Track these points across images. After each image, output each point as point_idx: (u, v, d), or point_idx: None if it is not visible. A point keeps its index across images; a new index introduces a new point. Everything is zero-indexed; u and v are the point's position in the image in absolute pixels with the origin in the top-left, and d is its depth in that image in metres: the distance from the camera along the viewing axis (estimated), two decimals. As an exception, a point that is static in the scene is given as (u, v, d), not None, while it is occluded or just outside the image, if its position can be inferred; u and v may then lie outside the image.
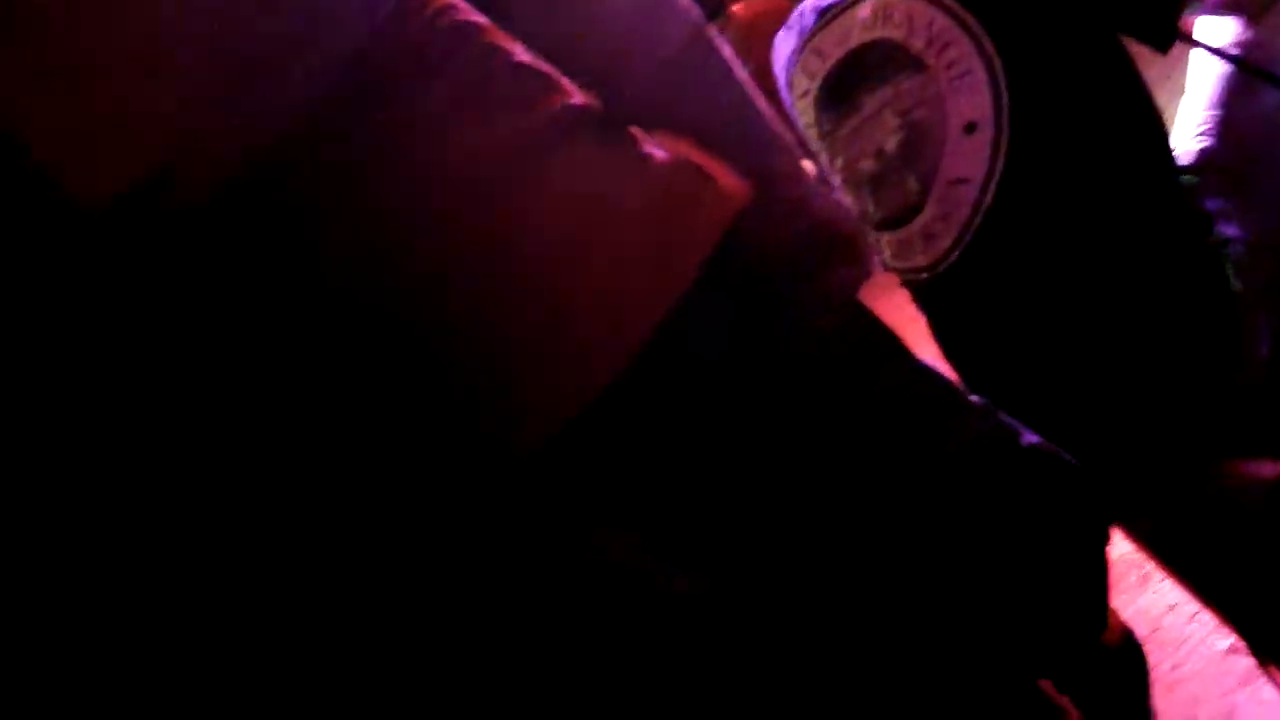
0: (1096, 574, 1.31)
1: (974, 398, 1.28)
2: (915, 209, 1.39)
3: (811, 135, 1.44)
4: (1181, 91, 1.54)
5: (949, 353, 1.46)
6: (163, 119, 0.98)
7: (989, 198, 1.35)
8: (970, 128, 1.34)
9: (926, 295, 1.44)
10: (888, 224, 1.41)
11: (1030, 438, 1.30)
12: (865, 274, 1.37)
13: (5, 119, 0.94)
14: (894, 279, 1.47)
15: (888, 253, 1.43)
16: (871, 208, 1.41)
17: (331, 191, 1.10)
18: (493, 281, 1.16)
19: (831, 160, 1.42)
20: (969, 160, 1.35)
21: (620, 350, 1.17)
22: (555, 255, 1.17)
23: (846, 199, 1.41)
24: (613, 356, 1.17)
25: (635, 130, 1.22)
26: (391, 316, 1.13)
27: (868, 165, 1.40)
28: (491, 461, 1.15)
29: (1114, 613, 1.46)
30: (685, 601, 1.16)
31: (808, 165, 1.33)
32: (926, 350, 1.45)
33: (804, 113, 1.44)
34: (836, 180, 1.42)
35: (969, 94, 1.33)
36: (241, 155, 1.01)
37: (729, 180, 1.26)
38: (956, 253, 1.39)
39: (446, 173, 1.14)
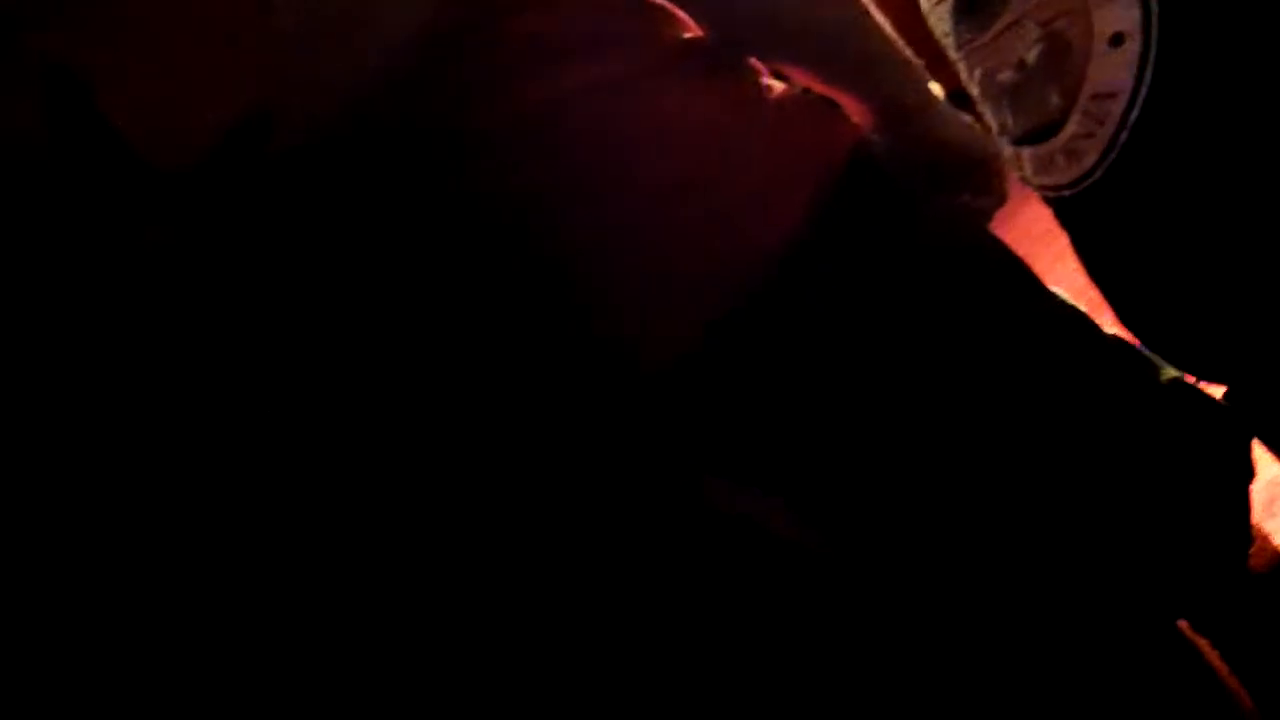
0: (1238, 511, 1.26)
1: (1108, 331, 1.24)
2: (1057, 124, 1.31)
3: (947, 45, 1.37)
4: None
5: (1092, 270, 1.40)
6: (249, 74, 0.97)
7: (1136, 113, 1.27)
8: (1116, 39, 1.26)
9: (1069, 212, 1.37)
10: (1027, 139, 1.34)
11: (1169, 372, 1.25)
12: (997, 202, 1.32)
13: (80, 76, 0.93)
14: (1033, 194, 1.41)
15: (1028, 168, 1.36)
16: (1010, 121, 1.34)
17: (442, 127, 1.08)
18: (608, 212, 1.14)
19: (969, 72, 1.35)
20: (1115, 73, 1.27)
21: (737, 282, 1.15)
22: (671, 190, 1.15)
23: (983, 115, 1.35)
24: (729, 289, 1.15)
25: (752, 61, 1.18)
26: (515, 243, 1.12)
27: (1007, 77, 1.32)
28: (615, 390, 1.14)
29: (1266, 538, 1.41)
30: (801, 550, 1.14)
31: (935, 88, 1.27)
32: (1067, 267, 1.39)
33: (940, 22, 1.36)
34: (974, 93, 1.36)
35: (1114, 3, 1.25)
36: (340, 103, 0.99)
37: (850, 109, 1.22)
38: (1101, 170, 1.31)
39: (560, 108, 1.12)
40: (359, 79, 0.97)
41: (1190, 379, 1.26)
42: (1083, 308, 1.35)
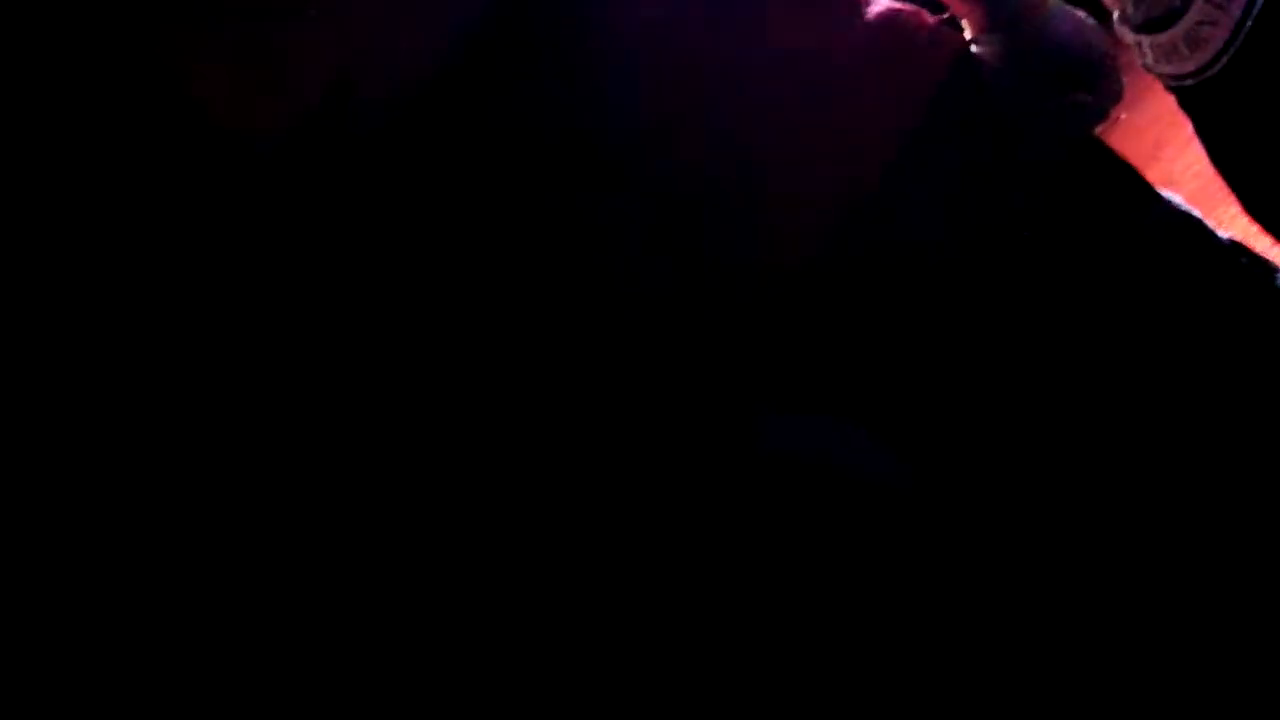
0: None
1: (1224, 235, 1.20)
2: (1179, 11, 1.26)
3: (1063, -67, 1.31)
4: None
5: (1216, 160, 1.35)
6: (327, 46, 0.97)
7: (1261, 0, 1.21)
8: (1241, -77, 1.20)
9: (1192, 101, 1.32)
10: (1148, 27, 1.29)
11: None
12: (1114, 100, 1.28)
13: (160, 53, 0.94)
14: (1155, 82, 1.35)
15: (1149, 56, 1.31)
16: (1131, 9, 1.29)
17: (541, 72, 1.08)
18: (704, 138, 1.13)
19: (1086, -41, 1.30)
20: (1240, -42, 1.21)
21: (840, 199, 1.14)
22: (769, 116, 1.14)
23: (1102, 2, 1.30)
24: (832, 206, 1.14)
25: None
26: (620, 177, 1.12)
27: (1126, -37, 1.27)
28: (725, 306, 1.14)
29: None
30: (877, 489, 1.13)
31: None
32: (1191, 156, 1.35)
33: (1054, -91, 1.31)
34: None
35: (1240, -115, 1.19)
36: (423, 74, 0.99)
37: (958, 12, 1.19)
38: (1226, 57, 1.26)
39: (651, 43, 1.11)
40: (440, 48, 0.96)
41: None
42: (1211, 195, 1.31)
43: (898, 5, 1.16)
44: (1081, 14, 1.29)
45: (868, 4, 1.14)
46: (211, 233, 0.92)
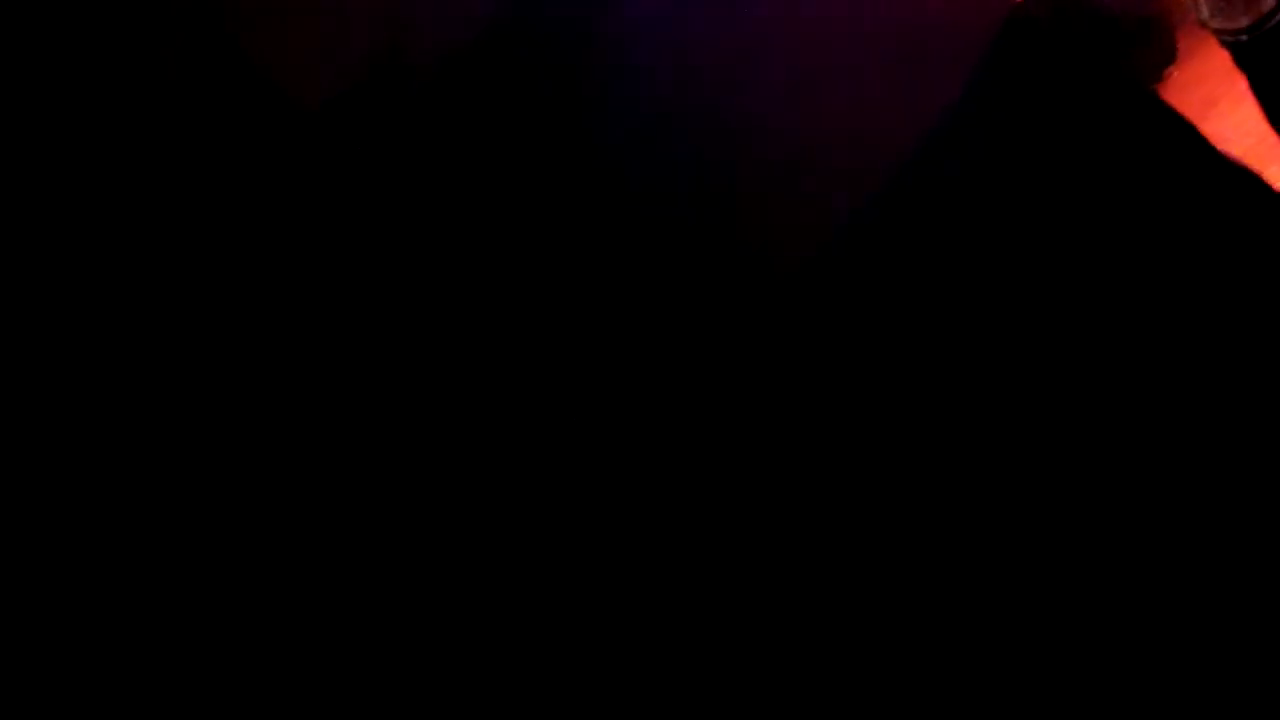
0: None
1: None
2: (1234, -35, 1.25)
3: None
4: None
5: (1272, 117, 1.34)
6: (378, 3, 0.97)
7: (1319, -45, 1.20)
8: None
9: (1247, 57, 1.31)
10: (1204, -18, 1.28)
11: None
12: (1167, 59, 1.26)
13: (213, 13, 0.94)
14: (1206, 38, 1.34)
15: (1205, 12, 1.30)
16: (1185, -37, 1.28)
17: (555, 49, 1.07)
18: (743, 101, 1.13)
19: (1139, -87, 1.29)
20: (1298, -89, 1.20)
21: (891, 160, 1.14)
22: (816, 71, 1.13)
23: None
24: (883, 168, 1.14)
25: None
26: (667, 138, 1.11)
27: (1181, -83, 1.26)
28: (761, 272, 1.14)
29: None
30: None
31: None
32: (1243, 112, 1.34)
33: None
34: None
35: None
36: (472, 30, 0.99)
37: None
38: (1281, 13, 1.26)
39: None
40: (488, 7, 0.96)
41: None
42: (1264, 152, 1.30)
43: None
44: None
45: None
46: (264, 191, 0.92)
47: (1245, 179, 1.21)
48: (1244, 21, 1.28)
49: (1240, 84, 1.35)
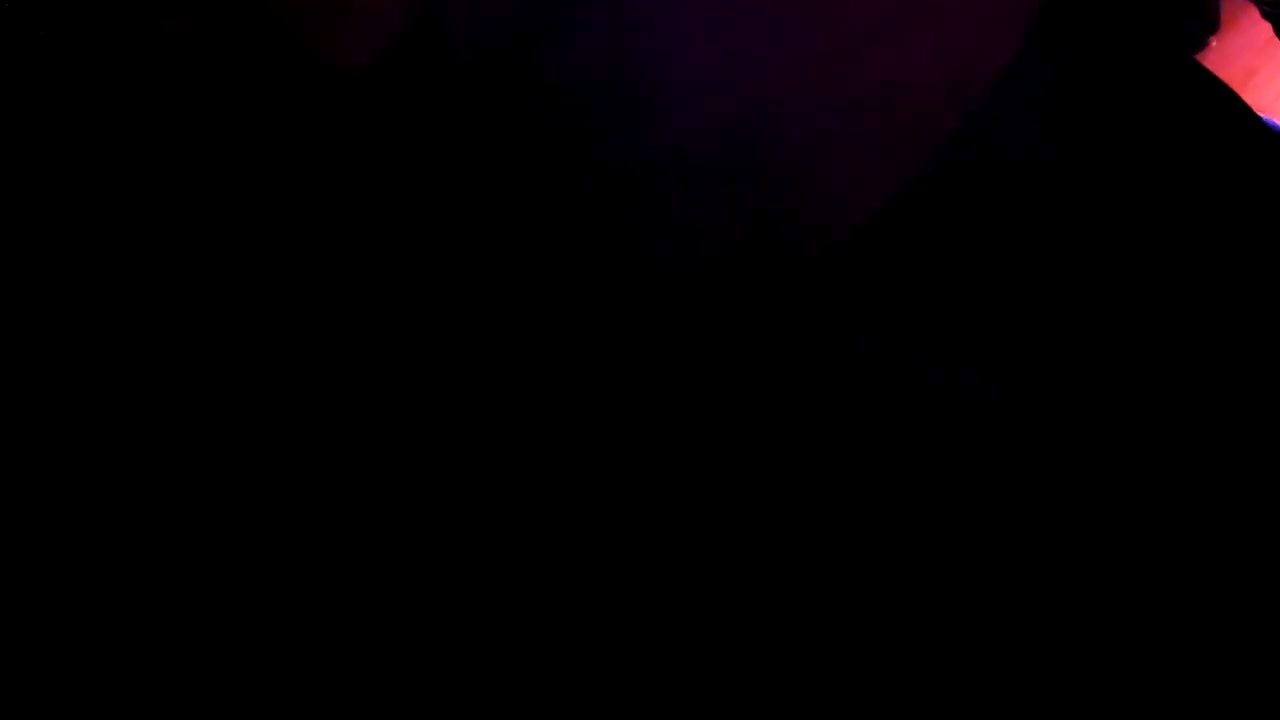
0: None
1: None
2: (1277, -62, 1.28)
3: None
4: None
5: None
6: None
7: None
8: None
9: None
10: (1244, -46, 1.31)
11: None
12: (1208, 28, 1.29)
13: None
14: (1248, 9, 1.36)
15: (1244, -17, 1.33)
16: (1227, -64, 1.31)
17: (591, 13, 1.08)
18: (793, 76, 1.15)
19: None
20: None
21: (940, 122, 1.16)
22: (859, 38, 1.15)
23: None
24: (932, 131, 1.16)
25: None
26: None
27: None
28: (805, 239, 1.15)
29: None
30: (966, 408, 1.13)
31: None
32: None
33: None
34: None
35: None
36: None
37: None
38: (1322, -16, 1.28)
39: None
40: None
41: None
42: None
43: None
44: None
45: None
46: (299, 158, 0.92)
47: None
48: (1285, -7, 1.30)
49: (1278, 55, 1.38)
